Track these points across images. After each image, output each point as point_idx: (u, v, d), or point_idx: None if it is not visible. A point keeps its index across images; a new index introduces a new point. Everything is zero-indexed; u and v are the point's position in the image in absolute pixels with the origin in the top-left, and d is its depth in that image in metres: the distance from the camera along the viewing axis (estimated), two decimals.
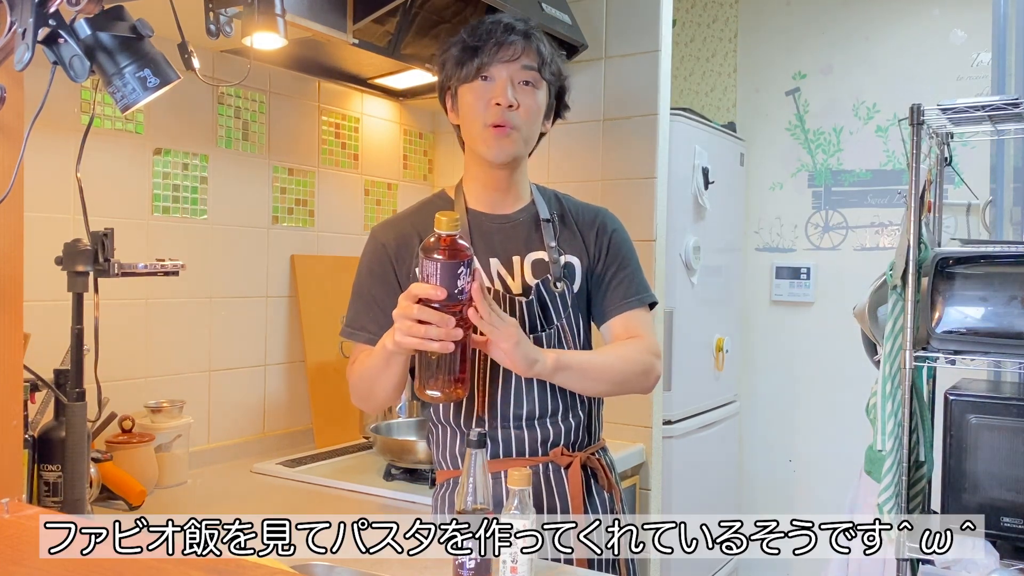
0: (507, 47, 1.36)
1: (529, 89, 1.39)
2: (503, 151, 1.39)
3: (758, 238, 3.47)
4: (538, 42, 1.39)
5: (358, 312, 1.45)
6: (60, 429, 1.42)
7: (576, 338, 1.44)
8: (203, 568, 0.81)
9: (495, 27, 1.38)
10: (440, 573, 1.26)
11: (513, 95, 1.36)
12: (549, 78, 1.41)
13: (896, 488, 1.86)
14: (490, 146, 1.39)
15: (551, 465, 1.40)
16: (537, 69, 1.39)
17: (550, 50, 1.42)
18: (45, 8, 0.92)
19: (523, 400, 1.39)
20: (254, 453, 2.13)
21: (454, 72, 1.41)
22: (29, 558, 0.86)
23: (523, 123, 1.38)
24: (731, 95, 3.55)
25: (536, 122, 1.42)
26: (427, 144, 2.76)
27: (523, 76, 1.38)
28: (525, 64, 1.37)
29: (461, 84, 1.40)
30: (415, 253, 1.40)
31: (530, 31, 1.39)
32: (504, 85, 1.36)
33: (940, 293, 1.83)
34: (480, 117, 1.38)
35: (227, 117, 2.09)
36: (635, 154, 2.36)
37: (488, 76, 1.37)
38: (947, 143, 2.12)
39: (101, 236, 1.35)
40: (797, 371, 3.39)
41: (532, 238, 1.45)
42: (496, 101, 1.36)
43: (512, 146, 1.39)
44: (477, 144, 1.41)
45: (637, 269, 1.51)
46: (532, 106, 1.39)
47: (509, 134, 1.37)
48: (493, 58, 1.36)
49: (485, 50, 1.36)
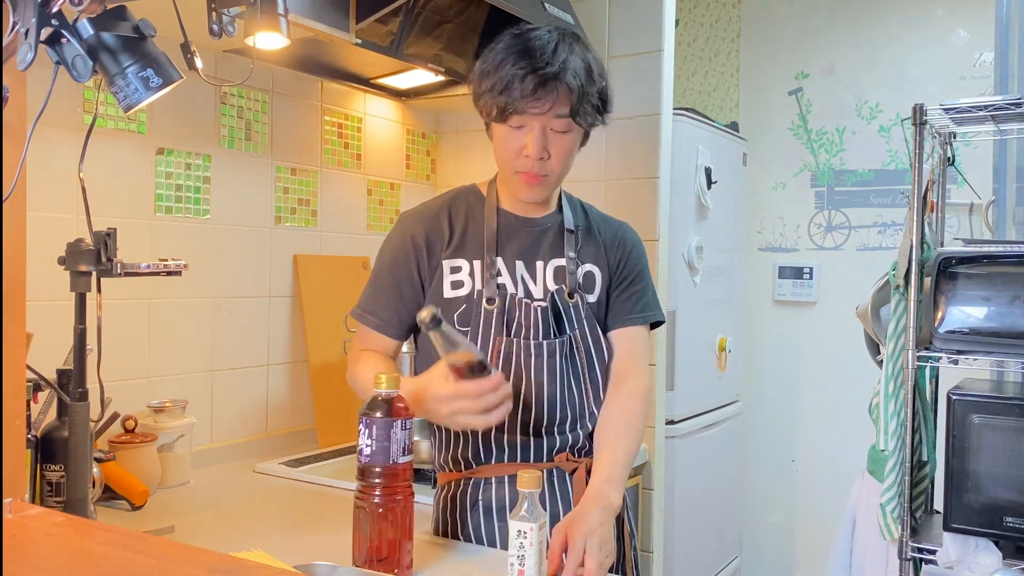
0: (537, 101, 1.29)
1: (561, 136, 1.34)
2: (533, 196, 1.40)
3: (761, 238, 3.46)
4: (571, 82, 1.29)
5: (373, 297, 1.44)
6: (63, 429, 1.42)
7: (589, 348, 1.44)
8: (205, 567, 0.81)
9: (527, 78, 1.27)
10: (440, 572, 1.26)
11: (544, 147, 1.33)
12: (583, 123, 1.34)
13: (899, 488, 1.85)
14: (520, 191, 1.39)
15: (556, 471, 1.40)
16: (570, 115, 1.32)
17: (584, 79, 1.31)
18: (48, 8, 0.93)
19: (532, 407, 1.39)
20: (257, 453, 2.13)
21: (486, 106, 1.34)
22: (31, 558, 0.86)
23: (555, 170, 1.37)
24: (734, 95, 3.55)
25: (568, 162, 1.39)
26: (430, 144, 2.76)
27: (555, 125, 1.33)
28: (558, 114, 1.31)
29: (493, 122, 1.36)
30: (444, 247, 1.41)
31: (562, 75, 1.28)
32: (537, 137, 1.32)
33: (943, 293, 1.82)
34: (511, 163, 1.36)
35: (230, 117, 2.09)
36: (638, 154, 2.36)
37: (520, 125, 1.33)
38: (950, 143, 2.12)
39: (104, 236, 1.35)
40: (800, 371, 3.39)
41: (556, 245, 1.45)
42: (526, 153, 1.33)
43: (542, 191, 1.40)
44: (509, 182, 1.41)
45: (648, 287, 1.51)
46: (564, 151, 1.36)
47: (541, 182, 1.37)
48: (523, 109, 1.30)
49: (515, 101, 1.29)
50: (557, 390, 1.40)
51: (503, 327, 1.38)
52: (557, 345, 1.40)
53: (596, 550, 1.19)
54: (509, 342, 1.38)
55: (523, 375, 1.38)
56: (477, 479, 1.41)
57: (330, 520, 1.59)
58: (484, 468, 1.40)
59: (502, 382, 1.22)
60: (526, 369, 1.38)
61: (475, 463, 1.41)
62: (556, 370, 1.40)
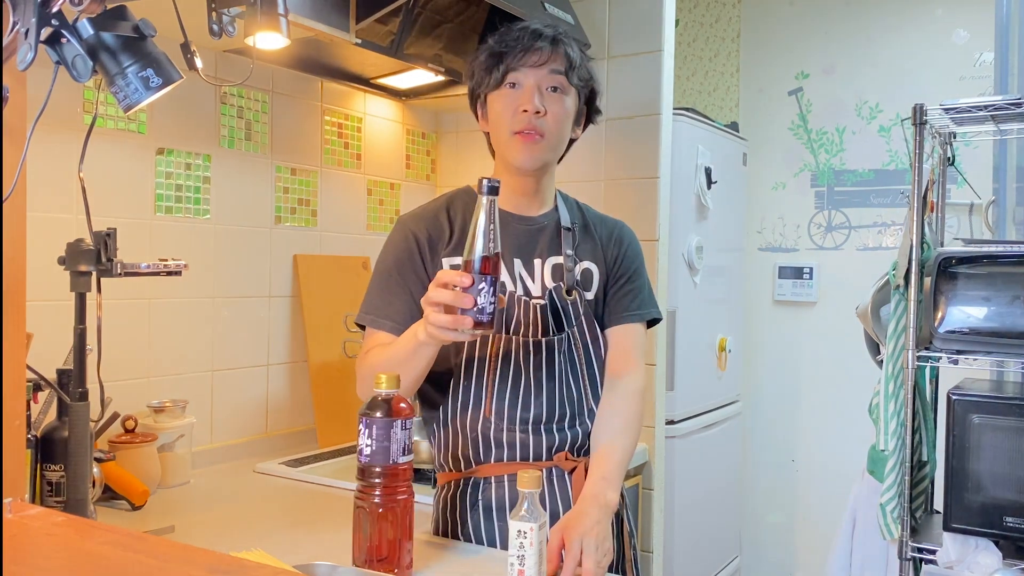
0: (534, 52, 1.35)
1: (557, 95, 1.38)
2: (531, 157, 1.39)
3: (761, 238, 3.46)
4: (566, 47, 1.38)
5: (383, 300, 1.41)
6: (63, 429, 1.42)
7: (588, 345, 1.44)
8: (205, 567, 0.81)
9: (523, 33, 1.37)
10: (440, 572, 1.26)
11: (541, 101, 1.35)
12: (577, 83, 1.40)
13: (899, 488, 1.85)
14: (518, 153, 1.38)
15: (555, 470, 1.40)
16: (564, 74, 1.37)
17: (579, 54, 1.40)
18: (48, 8, 0.93)
19: (531, 404, 1.39)
20: (257, 453, 2.13)
21: (483, 79, 1.40)
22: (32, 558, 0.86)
23: (551, 130, 1.37)
24: (734, 95, 3.55)
25: (564, 128, 1.40)
26: (430, 144, 2.76)
27: (551, 82, 1.37)
28: (553, 69, 1.36)
29: (490, 91, 1.40)
30: (445, 246, 1.41)
31: (558, 36, 1.38)
32: (531, 91, 1.35)
33: (943, 293, 1.82)
34: (508, 124, 1.37)
35: (230, 117, 2.09)
36: (638, 154, 2.36)
37: (515, 83, 1.37)
38: (950, 143, 2.12)
39: (104, 236, 1.35)
40: (800, 371, 3.39)
41: (553, 243, 1.45)
42: (523, 108, 1.35)
43: (540, 152, 1.39)
44: (505, 151, 1.40)
45: (644, 285, 1.52)
46: (560, 112, 1.38)
47: (537, 141, 1.37)
48: (519, 63, 1.35)
49: (512, 56, 1.36)
50: (556, 387, 1.40)
51: (502, 325, 1.39)
52: (556, 342, 1.40)
53: (593, 550, 1.19)
54: (508, 340, 1.39)
55: (522, 372, 1.39)
56: (477, 479, 1.41)
57: (330, 520, 1.59)
58: (484, 468, 1.40)
59: (474, 284, 1.13)
60: (525, 366, 1.39)
61: (474, 462, 1.41)
62: (555, 367, 1.40)
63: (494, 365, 1.38)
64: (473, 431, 1.40)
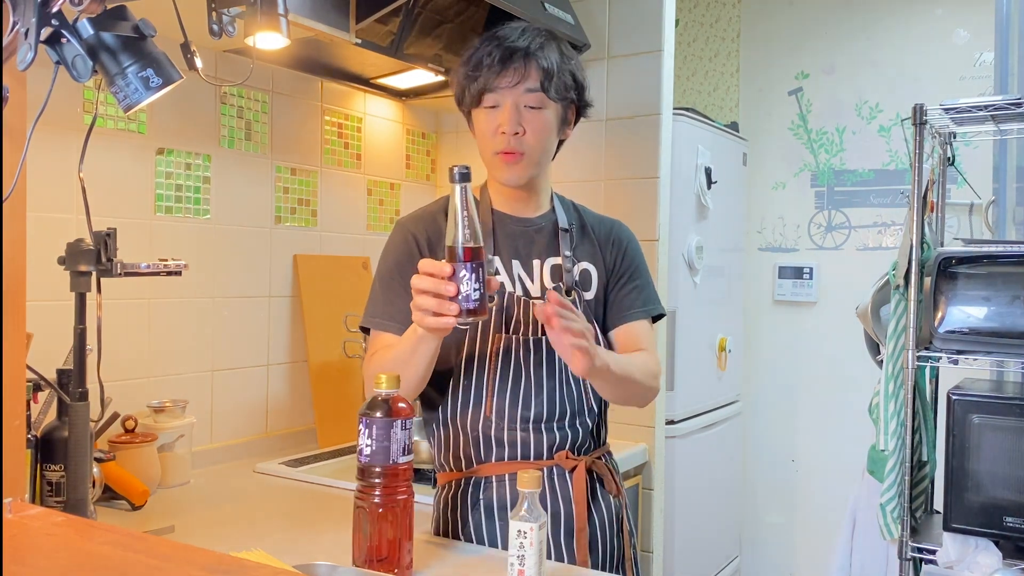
0: (507, 73, 1.34)
1: (536, 112, 1.37)
2: (515, 176, 1.40)
3: (761, 238, 3.46)
4: (539, 60, 1.35)
5: (388, 302, 1.41)
6: (63, 429, 1.42)
7: None
8: (205, 567, 0.81)
9: (493, 52, 1.35)
10: (440, 571, 1.26)
11: (518, 122, 1.35)
12: (555, 97, 1.37)
13: (899, 488, 1.85)
14: (501, 172, 1.40)
15: (556, 469, 1.40)
16: (542, 89, 1.35)
17: (557, 61, 1.37)
18: (48, 8, 0.93)
19: (531, 402, 1.39)
20: (257, 453, 2.13)
21: (462, 96, 1.41)
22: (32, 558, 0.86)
23: (532, 147, 1.37)
24: (734, 95, 3.55)
25: (547, 141, 1.40)
26: (430, 144, 2.76)
27: (527, 100, 1.36)
28: (528, 88, 1.35)
29: (471, 109, 1.41)
30: None
31: (530, 50, 1.35)
32: (509, 112, 1.35)
33: (943, 293, 1.82)
34: (489, 144, 1.38)
35: (230, 117, 2.09)
36: (638, 154, 2.36)
37: (493, 104, 1.37)
38: (950, 143, 2.12)
39: (104, 236, 1.35)
40: (800, 371, 3.39)
41: (551, 244, 1.46)
42: (502, 130, 1.35)
43: (523, 171, 1.39)
44: (490, 169, 1.42)
45: (647, 282, 1.52)
46: (540, 128, 1.37)
47: (518, 160, 1.37)
48: (494, 85, 1.35)
49: (485, 77, 1.35)
50: (556, 385, 1.40)
51: (502, 324, 1.39)
52: None
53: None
54: (508, 339, 1.39)
55: (522, 371, 1.39)
56: (477, 479, 1.41)
57: (330, 520, 1.59)
58: (484, 467, 1.40)
59: (455, 273, 1.13)
60: (525, 365, 1.39)
61: (475, 461, 1.41)
62: (555, 365, 1.41)
63: (494, 364, 1.38)
64: (474, 430, 1.40)
